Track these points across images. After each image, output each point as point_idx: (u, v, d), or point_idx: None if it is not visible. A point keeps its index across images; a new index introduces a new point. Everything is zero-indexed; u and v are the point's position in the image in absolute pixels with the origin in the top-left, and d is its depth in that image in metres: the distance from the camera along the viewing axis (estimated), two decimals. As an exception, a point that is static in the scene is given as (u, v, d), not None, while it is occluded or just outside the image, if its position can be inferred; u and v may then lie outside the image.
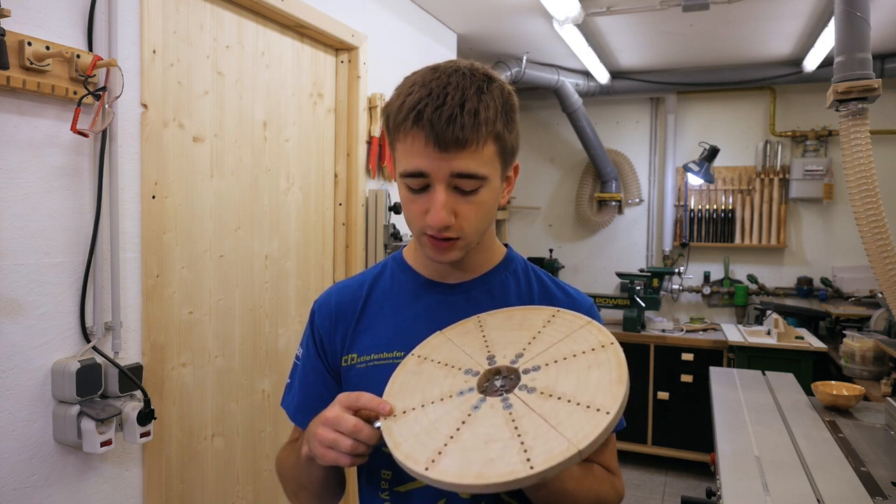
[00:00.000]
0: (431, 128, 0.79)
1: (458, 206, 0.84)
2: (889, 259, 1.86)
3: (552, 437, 0.69)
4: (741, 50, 3.81)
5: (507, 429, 0.72)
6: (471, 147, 0.80)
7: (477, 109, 0.80)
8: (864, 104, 1.90)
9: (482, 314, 0.91)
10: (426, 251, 0.90)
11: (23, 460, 1.37)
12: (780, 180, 4.31)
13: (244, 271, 2.08)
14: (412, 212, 0.87)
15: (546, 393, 0.75)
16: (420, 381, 0.83)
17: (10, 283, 1.33)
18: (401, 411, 0.79)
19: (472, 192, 0.84)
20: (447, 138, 0.79)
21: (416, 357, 0.87)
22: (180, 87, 1.80)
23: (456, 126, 0.79)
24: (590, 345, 0.80)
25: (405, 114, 0.81)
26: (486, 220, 0.88)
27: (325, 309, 1.01)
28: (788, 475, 1.68)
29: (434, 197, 0.83)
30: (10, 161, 1.33)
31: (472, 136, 0.80)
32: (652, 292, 4.22)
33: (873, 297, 3.96)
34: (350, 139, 2.55)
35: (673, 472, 3.99)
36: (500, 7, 3.07)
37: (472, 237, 0.88)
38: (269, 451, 2.21)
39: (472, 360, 0.83)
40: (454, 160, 0.81)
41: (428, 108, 0.80)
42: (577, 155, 4.78)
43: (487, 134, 0.81)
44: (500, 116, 0.83)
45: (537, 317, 0.88)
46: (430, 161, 0.81)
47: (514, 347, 0.83)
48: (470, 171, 0.81)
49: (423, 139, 0.80)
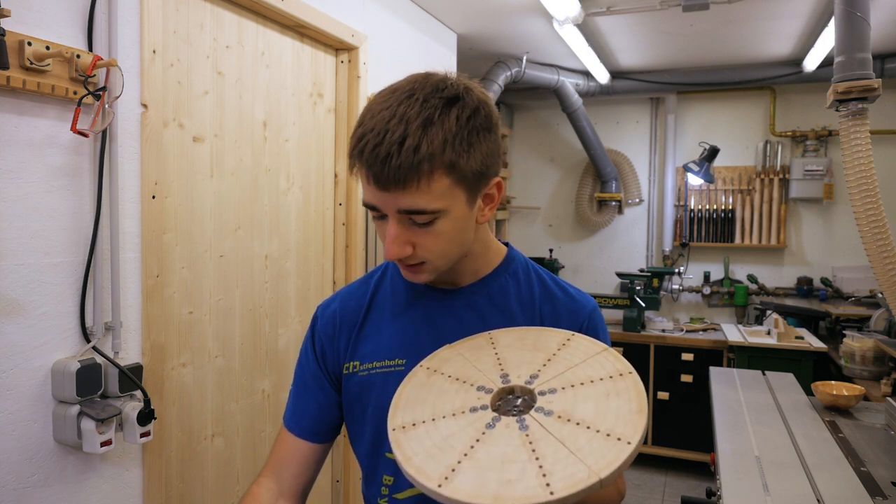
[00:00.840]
0: (370, 167, 0.78)
1: (414, 237, 0.83)
2: (889, 259, 1.86)
3: (572, 463, 0.67)
4: (741, 50, 3.81)
5: (525, 450, 0.70)
6: (411, 185, 0.77)
7: (418, 146, 0.76)
8: (864, 104, 1.90)
9: (493, 331, 0.89)
10: (401, 271, 0.90)
11: (23, 460, 1.37)
12: (780, 180, 4.31)
13: (244, 271, 2.08)
14: (380, 235, 0.87)
15: (564, 417, 0.73)
16: (430, 394, 0.81)
17: (10, 283, 1.33)
18: (410, 423, 0.77)
19: (428, 224, 0.81)
20: (384, 178, 0.77)
21: (426, 369, 0.86)
22: (180, 87, 1.80)
23: (391, 167, 0.76)
24: (607, 372, 0.78)
25: (352, 148, 0.80)
26: (450, 247, 0.85)
27: (327, 315, 1.01)
28: (788, 475, 1.68)
29: (388, 230, 0.82)
30: (10, 161, 1.33)
31: (411, 175, 0.76)
32: (652, 292, 4.22)
33: (873, 297, 3.96)
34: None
35: (673, 472, 3.99)
36: (500, 7, 3.07)
37: (438, 262, 0.86)
38: (269, 452, 2.21)
39: (485, 377, 0.81)
40: (398, 198, 0.79)
41: (368, 146, 0.77)
42: (577, 155, 4.78)
43: (433, 168, 0.77)
44: (451, 146, 0.78)
45: (552, 339, 0.86)
46: (376, 197, 0.80)
47: (528, 368, 0.81)
48: (416, 207, 0.79)
49: (365, 176, 0.79)
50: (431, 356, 0.87)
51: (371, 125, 0.78)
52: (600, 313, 0.98)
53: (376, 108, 0.80)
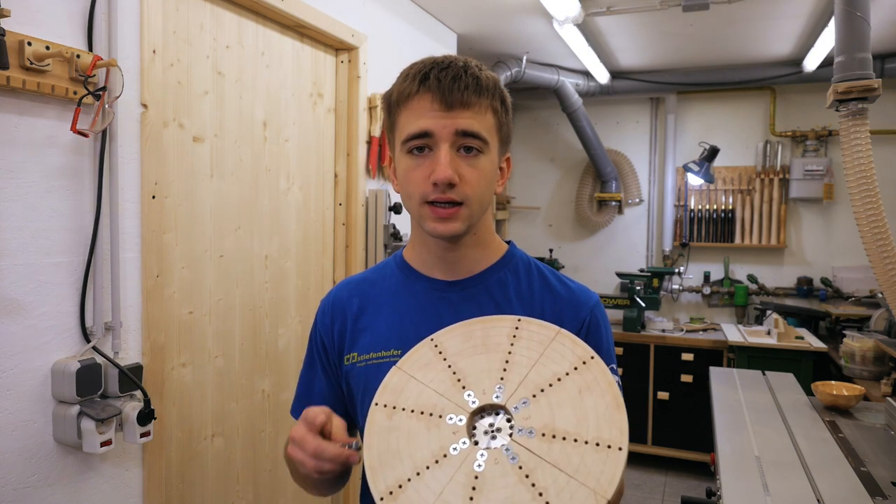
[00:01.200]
0: (438, 85, 0.85)
1: (461, 167, 0.87)
2: (889, 259, 1.86)
3: (574, 489, 0.66)
4: (741, 50, 3.81)
5: (525, 488, 0.67)
6: (474, 108, 0.85)
7: (479, 77, 0.86)
8: (864, 104, 1.90)
9: (435, 334, 0.83)
10: (428, 225, 0.88)
11: (23, 460, 1.37)
12: (780, 180, 4.31)
13: (244, 271, 2.08)
14: (414, 179, 0.88)
15: (548, 434, 0.71)
16: (399, 440, 0.74)
17: (10, 283, 1.33)
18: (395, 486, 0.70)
19: (474, 156, 0.87)
20: (453, 97, 0.84)
21: (382, 407, 0.77)
22: (180, 87, 1.80)
23: (461, 84, 0.84)
24: (570, 362, 0.75)
25: (411, 80, 0.87)
26: (486, 190, 0.90)
27: (326, 306, 1.03)
28: (788, 475, 1.68)
29: (438, 155, 0.86)
30: (10, 161, 1.33)
31: (475, 98, 0.85)
32: (652, 292, 4.22)
33: (873, 297, 3.96)
34: (350, 139, 2.55)
35: (673, 472, 3.99)
36: (500, 7, 3.07)
37: (474, 205, 0.88)
38: (269, 451, 2.21)
39: (449, 402, 0.76)
40: (459, 118, 0.85)
41: (434, 70, 0.86)
42: (577, 155, 4.78)
43: (488, 102, 0.87)
44: (498, 95, 0.89)
45: (499, 331, 0.81)
46: (435, 121, 0.85)
47: (489, 377, 0.77)
48: (473, 129, 0.85)
49: (429, 100, 0.85)
50: (381, 387, 0.79)
51: (431, 61, 0.88)
52: (603, 307, 0.98)
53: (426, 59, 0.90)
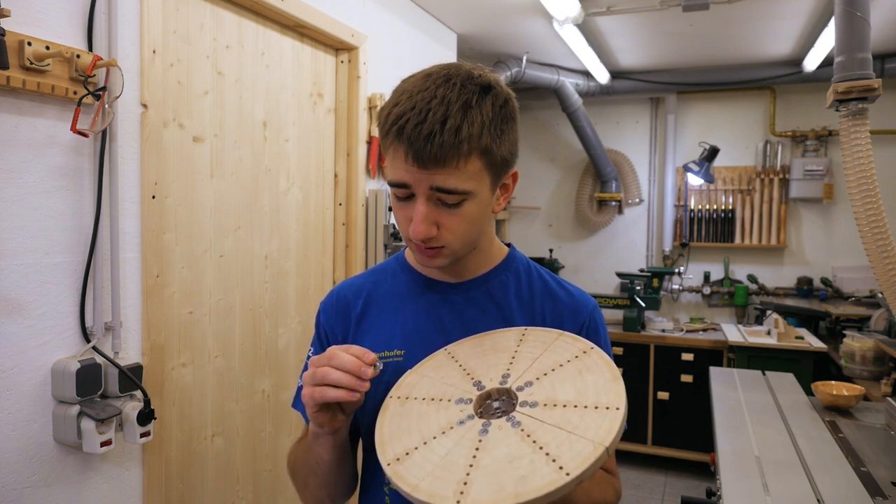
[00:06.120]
0: (410, 144, 0.79)
1: (441, 217, 0.84)
2: (889, 259, 1.86)
3: (575, 441, 0.68)
4: (741, 50, 3.81)
5: (526, 444, 0.70)
6: (451, 164, 0.80)
7: (459, 126, 0.79)
8: (864, 104, 1.89)
9: (449, 345, 0.89)
10: (416, 256, 0.91)
11: (23, 460, 1.37)
12: (780, 180, 4.31)
13: (244, 271, 2.08)
14: (399, 218, 0.88)
15: (550, 404, 0.75)
16: (410, 420, 0.79)
17: (10, 283, 1.33)
18: (403, 453, 0.75)
19: (456, 205, 0.84)
20: (425, 156, 0.79)
21: (396, 398, 0.84)
22: (180, 87, 1.80)
23: (434, 144, 0.78)
24: (572, 353, 0.81)
25: (389, 126, 0.82)
26: (472, 230, 0.88)
27: (327, 306, 1.03)
28: (788, 475, 1.68)
29: (416, 209, 0.83)
30: (10, 161, 1.33)
31: (451, 154, 0.79)
32: (652, 292, 4.22)
33: (873, 297, 3.96)
34: (350, 139, 2.55)
35: (673, 472, 3.98)
36: (500, 7, 3.07)
37: (457, 247, 0.88)
38: (269, 451, 2.21)
39: (459, 390, 0.81)
40: (434, 176, 0.80)
41: (409, 123, 0.79)
42: (577, 155, 4.78)
43: (470, 150, 0.80)
44: (487, 130, 0.81)
45: (508, 338, 0.87)
46: (410, 175, 0.82)
47: (497, 370, 0.81)
48: (449, 187, 0.81)
49: (403, 153, 0.81)
50: (396, 385, 0.85)
51: (410, 104, 0.80)
52: (600, 312, 1.00)
53: (413, 90, 0.82)
